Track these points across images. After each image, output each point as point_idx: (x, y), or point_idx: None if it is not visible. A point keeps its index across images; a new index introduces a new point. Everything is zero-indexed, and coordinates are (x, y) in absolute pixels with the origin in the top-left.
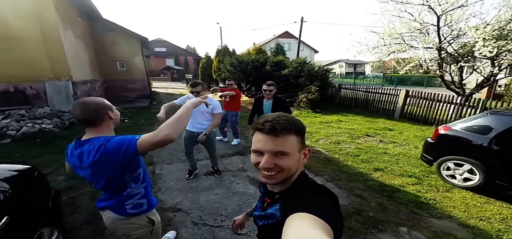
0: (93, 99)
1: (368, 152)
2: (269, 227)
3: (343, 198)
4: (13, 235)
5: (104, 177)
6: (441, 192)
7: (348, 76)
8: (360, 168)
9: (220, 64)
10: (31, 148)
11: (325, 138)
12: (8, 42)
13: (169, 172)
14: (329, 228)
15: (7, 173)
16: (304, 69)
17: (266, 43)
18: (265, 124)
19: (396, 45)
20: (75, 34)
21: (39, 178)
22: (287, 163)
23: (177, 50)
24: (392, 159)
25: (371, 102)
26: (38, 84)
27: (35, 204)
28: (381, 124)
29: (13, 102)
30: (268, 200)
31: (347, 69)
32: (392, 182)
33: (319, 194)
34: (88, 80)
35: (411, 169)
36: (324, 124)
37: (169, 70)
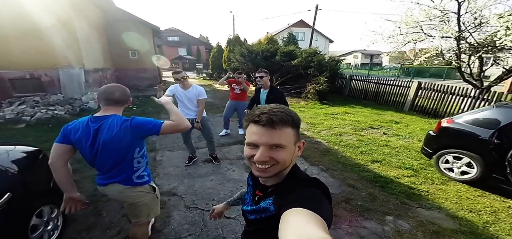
0: (115, 85)
1: (369, 144)
2: (262, 220)
3: (335, 187)
4: (14, 210)
5: (114, 154)
6: (436, 184)
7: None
8: (358, 159)
9: (230, 54)
10: (43, 133)
11: (328, 130)
12: (25, 31)
13: (169, 159)
14: (323, 222)
15: (15, 154)
16: (313, 60)
17: (279, 32)
18: (262, 115)
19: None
20: (88, 23)
21: (43, 160)
22: (282, 156)
23: (190, 40)
24: (392, 151)
25: (382, 94)
26: (52, 72)
27: (38, 183)
28: (388, 117)
29: (29, 89)
30: (259, 194)
31: (363, 60)
32: (387, 173)
33: (311, 186)
34: (100, 68)
35: (410, 162)
36: (329, 116)
37: (180, 60)
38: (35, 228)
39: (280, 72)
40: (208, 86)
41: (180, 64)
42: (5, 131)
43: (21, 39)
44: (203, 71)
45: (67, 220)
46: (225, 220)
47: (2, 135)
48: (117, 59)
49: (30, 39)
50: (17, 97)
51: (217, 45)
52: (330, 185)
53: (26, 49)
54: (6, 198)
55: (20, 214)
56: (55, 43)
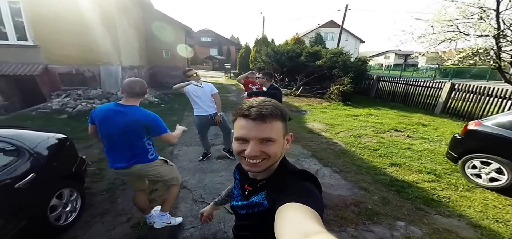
0: (136, 80)
1: (389, 146)
2: (254, 215)
3: (346, 190)
4: (36, 189)
5: (129, 136)
6: (460, 191)
7: (397, 68)
8: (375, 162)
9: (256, 54)
10: (80, 124)
11: (347, 131)
12: (73, 30)
13: (185, 153)
14: (317, 215)
15: (45, 140)
16: (338, 60)
17: (309, 33)
18: (251, 109)
19: (448, 33)
20: (129, 23)
21: (70, 147)
22: (273, 150)
23: (221, 40)
24: (415, 155)
25: (411, 95)
26: (94, 68)
27: (61, 167)
28: (415, 119)
29: (74, 83)
30: (249, 188)
31: (397, 60)
32: (406, 177)
33: (302, 179)
34: (136, 66)
35: (433, 166)
36: (350, 117)
37: (211, 59)
38: (54, 208)
39: (305, 72)
40: (234, 85)
41: (210, 64)
42: (50, 120)
43: (69, 38)
44: (230, 71)
45: (85, 205)
46: (228, 215)
47: (45, 124)
48: (152, 57)
49: (77, 37)
50: (64, 90)
51: (245, 45)
52: (341, 187)
53: (74, 47)
54: (29, 179)
55: (41, 193)
56: (98, 42)
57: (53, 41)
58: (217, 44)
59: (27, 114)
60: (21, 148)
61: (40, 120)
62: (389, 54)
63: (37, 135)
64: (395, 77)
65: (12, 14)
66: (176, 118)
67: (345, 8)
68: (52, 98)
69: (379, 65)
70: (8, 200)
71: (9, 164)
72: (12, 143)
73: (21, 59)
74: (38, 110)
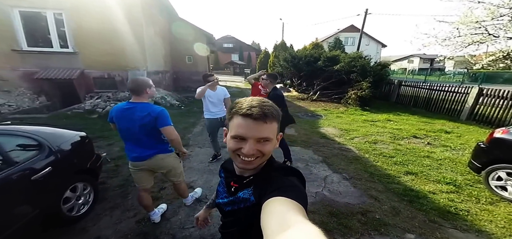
0: (140, 78)
1: (406, 154)
2: (240, 211)
3: (354, 198)
4: (51, 182)
5: (143, 129)
6: (481, 204)
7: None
8: (389, 170)
9: (275, 59)
10: (108, 123)
11: (362, 137)
12: (105, 38)
13: (197, 154)
14: (302, 208)
15: (65, 136)
16: (357, 65)
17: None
18: (252, 109)
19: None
20: (155, 31)
21: (87, 144)
22: (268, 149)
23: (242, 46)
24: (434, 163)
25: (434, 101)
26: (123, 73)
27: (77, 163)
28: (438, 126)
29: (105, 86)
30: (235, 185)
31: (422, 65)
32: (421, 187)
33: (287, 174)
34: (160, 71)
35: (453, 176)
36: (367, 123)
37: (232, 64)
38: (67, 200)
39: (322, 77)
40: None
41: (231, 69)
42: (82, 119)
43: (103, 46)
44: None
45: (99, 198)
46: None
47: (78, 122)
48: (176, 62)
49: (109, 45)
50: (96, 92)
51: (264, 50)
52: (349, 194)
53: (106, 54)
54: (45, 172)
55: (56, 186)
56: (127, 49)
57: (89, 48)
58: (239, 50)
59: (64, 113)
60: (42, 143)
61: (74, 118)
62: (413, 58)
63: (59, 132)
64: (418, 81)
65: (57, 24)
66: (194, 120)
67: (365, 12)
68: (86, 99)
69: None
70: (24, 190)
71: (30, 157)
72: (35, 138)
73: (62, 64)
74: (73, 110)
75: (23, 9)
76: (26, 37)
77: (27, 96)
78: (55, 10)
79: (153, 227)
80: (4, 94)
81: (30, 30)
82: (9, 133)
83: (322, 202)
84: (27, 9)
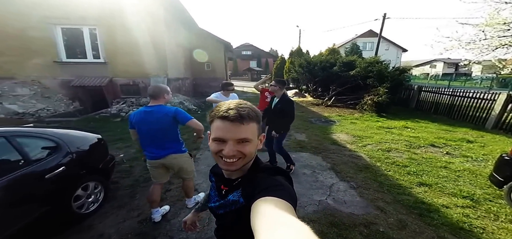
0: (159, 85)
1: (421, 163)
2: (231, 213)
3: (359, 208)
4: (63, 180)
5: (161, 131)
6: (500, 221)
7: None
8: (401, 180)
9: (290, 66)
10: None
11: (375, 144)
12: (131, 49)
13: (206, 158)
14: (290, 206)
15: (81, 138)
16: (373, 70)
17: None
18: (229, 111)
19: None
20: (176, 41)
21: (102, 145)
22: (249, 149)
23: (260, 53)
24: (451, 175)
25: (457, 108)
26: (146, 80)
27: (91, 163)
28: (460, 134)
29: (130, 92)
30: (225, 188)
31: (446, 69)
32: (434, 200)
33: (273, 174)
34: (180, 77)
35: (471, 189)
36: (383, 129)
37: (250, 71)
38: (78, 198)
39: (338, 82)
40: None
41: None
42: (107, 122)
43: (128, 56)
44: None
45: (109, 197)
46: None
47: (103, 125)
48: (195, 69)
49: (134, 55)
50: (122, 98)
51: (280, 57)
52: (354, 204)
53: (131, 63)
54: (58, 172)
55: (68, 184)
56: (150, 58)
57: (117, 58)
58: (257, 57)
59: (93, 117)
60: (59, 144)
61: (100, 121)
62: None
63: (76, 134)
64: (439, 87)
65: (91, 38)
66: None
67: (383, 17)
68: (113, 104)
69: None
70: (37, 187)
71: (45, 157)
72: (52, 139)
73: (94, 73)
74: (100, 114)
75: (64, 26)
76: (65, 50)
77: (64, 101)
78: (90, 26)
79: (153, 227)
80: (45, 100)
81: (69, 43)
82: (29, 135)
83: (324, 211)
84: (68, 26)
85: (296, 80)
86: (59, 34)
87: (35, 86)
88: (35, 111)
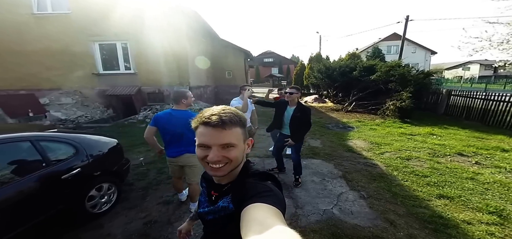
0: (178, 90)
1: (444, 174)
2: (221, 219)
3: (367, 220)
4: (78, 181)
5: (180, 131)
6: None
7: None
8: (418, 191)
9: (310, 71)
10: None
11: (394, 152)
12: (158, 61)
13: None
14: (279, 212)
15: (99, 143)
16: (395, 74)
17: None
18: (212, 117)
19: None
20: (198, 51)
21: (118, 150)
22: (234, 154)
23: (282, 60)
24: (478, 187)
25: (492, 113)
26: (170, 88)
27: (105, 166)
28: (494, 142)
29: (156, 100)
30: (215, 194)
31: (483, 72)
32: (454, 214)
33: (263, 180)
34: (202, 85)
35: (500, 204)
36: (405, 136)
37: (271, 77)
38: (92, 198)
39: (358, 87)
40: None
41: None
42: (133, 127)
43: (155, 66)
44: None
45: (123, 198)
46: None
47: (130, 130)
48: (217, 77)
49: (159, 66)
50: (149, 105)
51: (300, 63)
52: (362, 215)
53: (157, 73)
54: (74, 172)
55: (83, 185)
56: (173, 68)
57: (145, 69)
58: (278, 64)
59: (122, 123)
60: (79, 148)
61: (128, 127)
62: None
63: (94, 139)
64: (471, 90)
65: (123, 51)
66: None
67: (406, 19)
68: (140, 111)
69: (458, 78)
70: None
71: (64, 159)
72: (72, 144)
73: (125, 83)
74: (129, 120)
75: (101, 42)
76: (102, 63)
77: (99, 109)
78: (122, 41)
79: (157, 230)
80: (84, 107)
81: (105, 57)
82: (51, 139)
83: (328, 221)
84: (104, 41)
85: (316, 86)
86: (97, 49)
87: (76, 96)
88: (75, 118)
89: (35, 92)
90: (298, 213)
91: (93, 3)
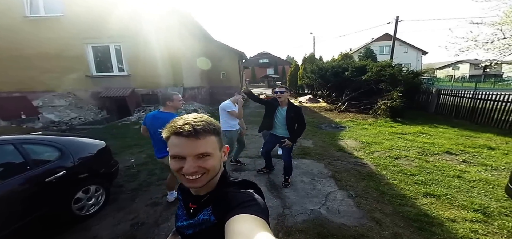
0: (164, 93)
1: (432, 172)
2: (202, 233)
3: (353, 219)
4: (64, 183)
5: None
6: None
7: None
8: (406, 190)
9: (303, 72)
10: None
11: (384, 151)
12: (151, 63)
13: None
14: (265, 222)
15: (85, 145)
16: (385, 74)
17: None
18: (184, 126)
19: None
20: (192, 53)
21: (106, 151)
22: (211, 163)
23: (277, 61)
24: (464, 185)
25: (481, 111)
26: (164, 90)
27: (93, 167)
28: (481, 140)
29: (150, 101)
30: (193, 206)
31: (474, 71)
32: (440, 212)
33: (245, 188)
34: (196, 86)
35: (485, 202)
36: (395, 135)
37: (266, 78)
38: (78, 200)
39: (351, 87)
40: None
41: (266, 82)
42: (127, 128)
43: (148, 68)
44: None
45: (112, 200)
46: None
47: (124, 131)
48: (211, 78)
49: (153, 68)
50: (143, 107)
51: (294, 63)
52: (349, 215)
53: (151, 75)
54: (58, 175)
55: (68, 187)
56: (167, 69)
57: (138, 71)
58: (273, 65)
59: (116, 124)
60: (63, 150)
61: (122, 128)
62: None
63: (80, 141)
64: (459, 90)
65: (116, 54)
66: None
67: (396, 20)
68: (134, 113)
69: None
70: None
71: (48, 162)
72: (56, 146)
73: (119, 84)
74: (122, 122)
75: (94, 44)
76: (95, 65)
77: (93, 111)
78: (115, 43)
79: (143, 231)
80: (78, 109)
81: (98, 59)
82: (35, 142)
83: (314, 220)
84: (97, 44)
85: (310, 86)
86: (90, 52)
87: (70, 98)
88: (68, 120)
89: (28, 94)
90: (285, 213)
91: (86, 6)
